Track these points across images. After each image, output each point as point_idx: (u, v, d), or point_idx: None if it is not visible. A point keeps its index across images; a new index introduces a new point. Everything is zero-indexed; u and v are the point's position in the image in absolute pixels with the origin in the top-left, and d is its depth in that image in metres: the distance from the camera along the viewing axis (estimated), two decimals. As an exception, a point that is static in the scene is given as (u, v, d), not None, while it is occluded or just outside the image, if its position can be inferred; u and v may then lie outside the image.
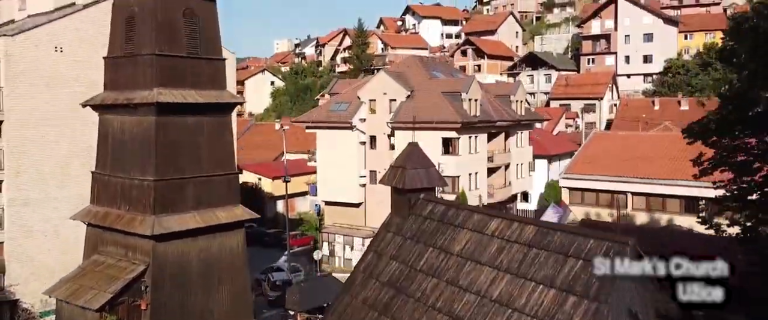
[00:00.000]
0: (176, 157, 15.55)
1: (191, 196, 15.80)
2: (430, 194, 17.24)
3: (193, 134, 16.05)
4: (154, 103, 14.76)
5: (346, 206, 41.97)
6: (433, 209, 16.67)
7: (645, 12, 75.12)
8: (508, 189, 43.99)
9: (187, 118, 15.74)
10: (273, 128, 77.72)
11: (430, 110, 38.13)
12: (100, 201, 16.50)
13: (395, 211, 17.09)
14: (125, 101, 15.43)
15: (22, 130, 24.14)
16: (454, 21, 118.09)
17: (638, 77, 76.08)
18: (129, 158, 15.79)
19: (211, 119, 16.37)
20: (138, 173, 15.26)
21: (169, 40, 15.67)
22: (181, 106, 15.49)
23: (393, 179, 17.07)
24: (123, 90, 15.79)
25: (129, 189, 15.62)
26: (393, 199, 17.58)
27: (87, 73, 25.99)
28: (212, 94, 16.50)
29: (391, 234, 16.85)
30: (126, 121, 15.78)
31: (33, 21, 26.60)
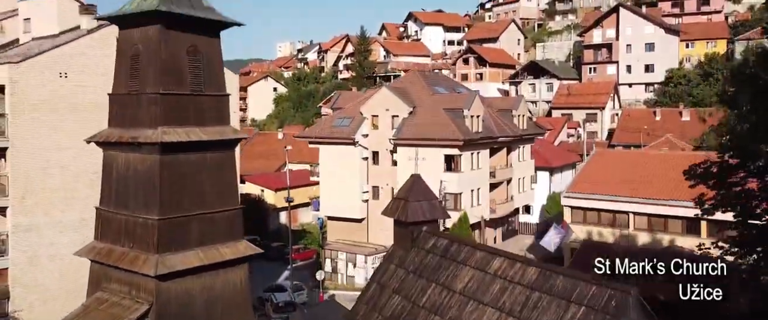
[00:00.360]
0: (180, 194, 15.64)
1: (195, 233, 15.88)
2: (433, 226, 17.40)
3: (196, 170, 16.14)
4: (158, 142, 14.83)
5: (348, 221, 42.11)
6: (435, 243, 16.80)
7: (646, 22, 75.25)
8: (510, 204, 44.10)
9: (191, 155, 15.83)
10: (276, 138, 78.04)
11: (433, 127, 38.27)
12: (104, 237, 16.60)
13: (398, 243, 17.23)
14: (130, 139, 15.53)
15: (26, 156, 24.29)
16: (456, 28, 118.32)
17: (640, 87, 76.19)
18: (133, 196, 15.89)
19: (214, 154, 16.46)
20: (142, 211, 15.36)
21: (173, 78, 15.77)
22: (186, 144, 15.58)
23: (396, 212, 17.22)
24: (127, 127, 15.89)
25: (133, 227, 15.72)
26: (396, 231, 17.72)
27: (91, 98, 26.17)
28: (216, 130, 16.58)
29: (394, 267, 16.99)
30: (130, 158, 15.88)
31: (38, 46, 26.76)
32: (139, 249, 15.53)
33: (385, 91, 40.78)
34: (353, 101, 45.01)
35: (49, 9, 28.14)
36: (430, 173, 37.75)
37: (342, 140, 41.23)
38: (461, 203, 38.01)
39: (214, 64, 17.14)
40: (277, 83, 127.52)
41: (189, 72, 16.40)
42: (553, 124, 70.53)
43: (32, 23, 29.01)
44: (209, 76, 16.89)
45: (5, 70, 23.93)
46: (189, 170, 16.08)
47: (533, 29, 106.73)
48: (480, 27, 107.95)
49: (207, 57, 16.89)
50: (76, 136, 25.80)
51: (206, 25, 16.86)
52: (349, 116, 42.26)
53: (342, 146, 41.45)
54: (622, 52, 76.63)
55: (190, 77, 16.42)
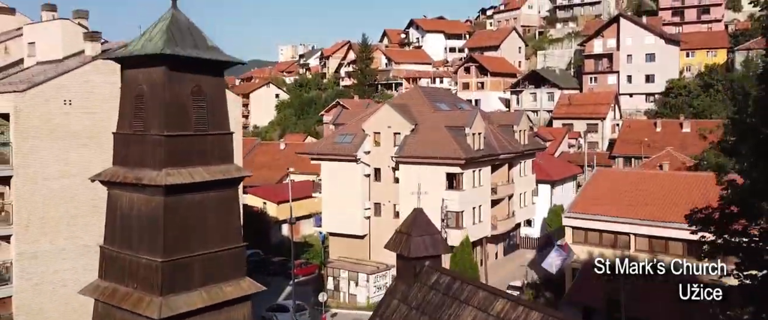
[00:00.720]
0: (184, 235, 15.77)
1: (198, 274, 16.00)
2: (436, 261, 17.56)
3: (200, 210, 16.26)
4: (162, 185, 14.98)
5: (350, 237, 42.26)
6: (438, 280, 16.94)
7: (647, 32, 75.41)
8: (511, 220, 44.24)
9: (195, 195, 15.95)
10: (278, 148, 78.26)
11: (435, 145, 38.42)
12: (107, 277, 16.71)
13: (400, 278, 17.35)
14: (134, 180, 15.66)
15: (30, 183, 24.44)
16: (457, 35, 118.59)
17: (640, 97, 76.37)
18: (137, 236, 16.02)
19: (218, 193, 16.57)
20: (146, 252, 15.49)
21: (177, 119, 15.89)
22: (190, 185, 15.73)
23: (398, 246, 17.34)
24: (132, 167, 16.02)
25: (136, 267, 15.84)
26: (398, 265, 17.85)
27: (95, 124, 26.36)
28: (220, 169, 16.69)
29: (397, 302, 17.10)
30: (134, 198, 16.01)
31: (43, 72, 26.93)
32: (143, 290, 15.65)
33: (386, 108, 40.94)
34: (355, 117, 45.19)
35: (53, 34, 28.34)
36: (432, 192, 38.01)
37: (344, 157, 41.39)
38: (463, 221, 38.15)
39: (218, 102, 17.28)
40: (279, 89, 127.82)
41: (193, 112, 16.53)
42: (554, 134, 70.72)
43: (37, 47, 29.18)
44: (213, 116, 17.03)
45: (10, 98, 24.11)
46: (193, 211, 16.20)
47: (534, 37, 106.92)
48: (481, 35, 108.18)
49: (211, 96, 17.03)
50: (80, 162, 26.05)
51: (210, 65, 17.01)
52: (351, 132, 42.43)
53: (344, 163, 41.61)
54: (622, 62, 76.82)
55: (195, 117, 16.55)
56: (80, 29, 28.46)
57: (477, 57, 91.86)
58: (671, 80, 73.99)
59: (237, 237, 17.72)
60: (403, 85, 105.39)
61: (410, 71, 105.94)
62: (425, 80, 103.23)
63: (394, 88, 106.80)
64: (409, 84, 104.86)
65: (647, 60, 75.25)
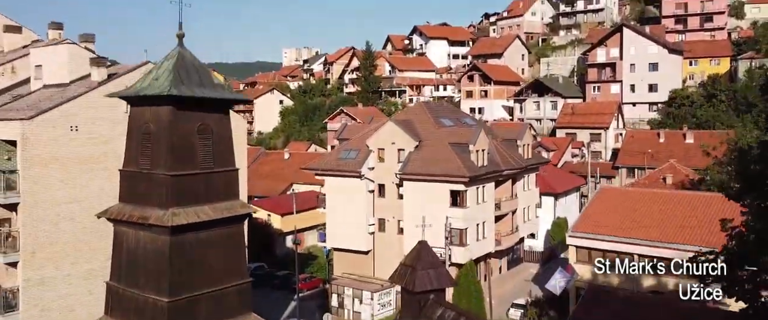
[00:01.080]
0: (190, 274, 15.94)
1: (204, 311, 16.17)
2: (440, 295, 17.69)
3: (206, 248, 16.43)
4: (169, 226, 15.15)
5: (354, 253, 42.38)
6: (443, 315, 17.15)
7: (650, 42, 75.43)
8: (515, 235, 44.29)
9: (200, 233, 16.14)
10: (282, 157, 78.41)
11: (439, 162, 38.52)
12: (113, 313, 16.89)
13: (405, 311, 17.55)
14: (140, 219, 15.84)
15: (37, 210, 24.64)
16: (460, 42, 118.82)
17: (644, 106, 76.43)
18: (143, 274, 16.19)
19: (223, 230, 16.75)
20: (152, 291, 15.67)
21: (183, 158, 16.07)
22: (196, 224, 15.91)
23: (403, 279, 17.49)
24: (138, 205, 16.20)
25: (142, 306, 16.01)
26: (403, 298, 18.04)
27: (101, 149, 26.57)
28: (225, 206, 16.86)
29: (402, 336, 17.29)
30: (140, 236, 16.18)
31: (49, 97, 27.12)
32: (150, 328, 15.85)
33: (390, 125, 41.04)
34: (360, 132, 45.30)
35: (60, 57, 28.54)
36: (436, 209, 38.16)
37: (348, 173, 41.51)
38: (467, 239, 38.20)
39: (224, 140, 17.44)
40: (283, 95, 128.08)
41: (199, 150, 16.70)
42: (558, 144, 70.80)
43: (43, 70, 29.38)
44: (219, 152, 17.19)
45: (17, 126, 24.32)
46: (199, 248, 16.37)
47: (537, 44, 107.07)
48: (484, 42, 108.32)
49: (217, 133, 17.19)
50: (86, 187, 26.26)
51: (216, 103, 17.19)
52: (356, 148, 42.54)
53: (348, 179, 41.72)
54: (625, 71, 76.89)
55: (201, 155, 16.72)
56: (87, 53, 28.66)
57: (480, 65, 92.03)
58: (674, 90, 74.05)
59: (242, 273, 17.89)
60: (406, 92, 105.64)
61: (414, 79, 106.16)
62: (429, 88, 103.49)
63: (397, 95, 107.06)
64: (413, 91, 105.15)
65: (650, 69, 75.28)
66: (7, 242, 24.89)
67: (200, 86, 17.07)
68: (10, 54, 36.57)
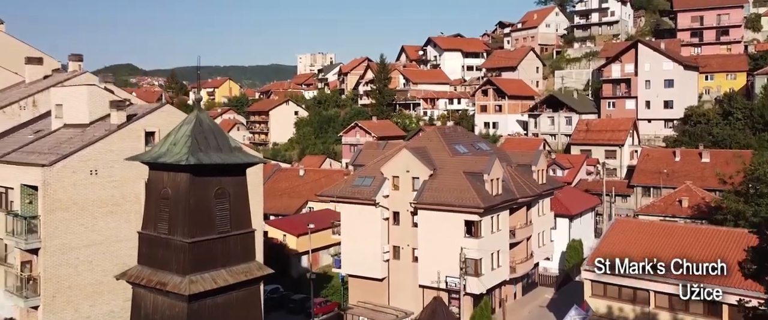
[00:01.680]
0: (208, 340, 16.18)
1: (222, 374, 16.43)
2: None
3: (223, 311, 16.67)
4: (186, 294, 15.42)
5: (369, 279, 42.55)
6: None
7: (665, 58, 74.94)
8: (530, 262, 44.24)
9: (218, 298, 16.39)
10: (297, 173, 78.77)
11: (453, 191, 38.61)
12: (134, 374, 17.20)
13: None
14: (158, 285, 16.11)
15: (58, 254, 25.08)
16: (475, 53, 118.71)
17: (659, 122, 75.93)
18: (162, 339, 16.46)
19: (240, 293, 16.99)
20: (171, 355, 15.93)
21: (201, 223, 16.32)
22: (213, 290, 16.16)
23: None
24: (156, 269, 16.49)
25: (162, 370, 16.30)
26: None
27: (120, 192, 27.00)
28: (242, 269, 17.11)
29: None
30: (158, 301, 16.46)
31: (69, 139, 27.57)
32: (170, 393, 16.11)
33: (405, 153, 41.20)
34: (375, 158, 45.54)
35: (80, 98, 29.03)
36: (450, 239, 38.29)
37: (363, 201, 41.72)
38: (481, 268, 38.22)
39: (241, 202, 17.68)
40: (298, 106, 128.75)
41: (216, 214, 16.97)
42: (572, 161, 70.47)
43: (64, 109, 29.87)
44: (236, 215, 17.43)
45: (39, 172, 24.79)
46: (216, 313, 16.61)
47: (552, 56, 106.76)
48: (499, 55, 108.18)
49: (234, 196, 17.44)
50: (105, 230, 26.68)
51: (233, 167, 17.44)
52: (370, 175, 42.74)
53: (363, 206, 41.93)
54: (641, 87, 76.44)
55: (218, 219, 16.99)
56: (107, 95, 29.14)
57: (495, 80, 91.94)
58: (690, 107, 73.52)
59: (260, 333, 18.15)
60: (420, 105, 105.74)
61: (428, 92, 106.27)
62: (443, 101, 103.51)
63: (411, 108, 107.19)
64: (427, 104, 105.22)
65: (666, 86, 74.81)
66: (28, 285, 25.38)
67: (217, 150, 17.33)
68: (32, 85, 37.26)
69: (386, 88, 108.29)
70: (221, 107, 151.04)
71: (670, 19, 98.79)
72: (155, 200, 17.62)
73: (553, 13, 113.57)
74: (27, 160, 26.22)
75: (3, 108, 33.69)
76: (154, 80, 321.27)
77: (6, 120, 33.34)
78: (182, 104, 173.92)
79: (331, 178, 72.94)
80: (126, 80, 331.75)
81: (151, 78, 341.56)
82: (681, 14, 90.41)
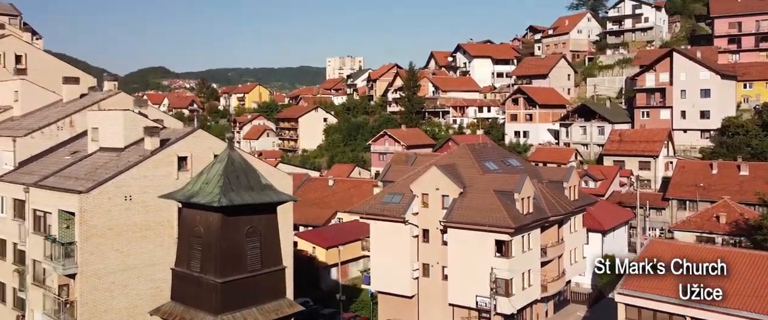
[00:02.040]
0: (239, 376, 16.29)
1: None
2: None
3: (254, 351, 16.78)
4: (218, 334, 15.53)
5: (398, 297, 42.47)
6: None
7: (702, 67, 73.28)
8: (561, 280, 43.63)
9: (250, 337, 16.46)
10: (326, 183, 79.07)
11: (483, 211, 38.30)
12: None
13: None
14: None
15: (94, 279, 25.58)
16: (505, 60, 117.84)
17: (695, 133, 74.29)
18: (193, 376, 16.63)
19: (270, 333, 17.07)
20: (204, 393, 16.07)
21: (232, 263, 16.50)
22: (244, 329, 16.25)
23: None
24: (188, 307, 16.72)
25: None
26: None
27: (153, 217, 27.41)
28: (272, 307, 17.26)
29: None
30: (191, 340, 16.64)
31: (105, 164, 28.10)
32: None
33: (435, 171, 41.02)
34: (403, 174, 45.47)
35: (116, 123, 29.58)
36: (480, 258, 38.00)
37: (392, 218, 41.66)
38: (512, 288, 37.85)
39: (271, 239, 17.81)
40: (327, 113, 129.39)
41: (247, 253, 17.13)
42: (605, 172, 69.42)
43: (100, 133, 30.48)
44: (266, 253, 17.57)
45: (75, 199, 25.31)
46: (248, 352, 16.76)
47: (584, 63, 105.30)
48: (529, 62, 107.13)
49: (264, 234, 17.57)
50: (139, 254, 27.12)
51: (264, 206, 17.57)
52: (400, 192, 42.66)
53: (392, 223, 41.88)
54: (676, 97, 74.90)
55: (249, 258, 17.15)
56: (141, 120, 29.62)
57: (525, 88, 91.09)
58: (728, 117, 71.76)
59: (290, 371, 18.23)
60: (450, 113, 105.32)
61: (457, 99, 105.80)
62: (472, 109, 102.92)
63: (441, 116, 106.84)
64: (457, 112, 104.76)
65: (702, 95, 73.15)
66: (65, 308, 25.93)
67: (248, 189, 17.48)
68: (70, 105, 38.13)
69: (415, 96, 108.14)
70: (251, 113, 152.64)
71: (707, 25, 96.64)
72: (188, 238, 17.86)
73: (585, 19, 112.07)
74: (64, 185, 26.81)
75: (42, 129, 34.55)
76: (185, 83, 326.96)
77: (45, 140, 34.18)
78: (213, 110, 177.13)
79: (360, 188, 73.08)
80: (158, 83, 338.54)
81: (183, 80, 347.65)
82: (718, 20, 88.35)
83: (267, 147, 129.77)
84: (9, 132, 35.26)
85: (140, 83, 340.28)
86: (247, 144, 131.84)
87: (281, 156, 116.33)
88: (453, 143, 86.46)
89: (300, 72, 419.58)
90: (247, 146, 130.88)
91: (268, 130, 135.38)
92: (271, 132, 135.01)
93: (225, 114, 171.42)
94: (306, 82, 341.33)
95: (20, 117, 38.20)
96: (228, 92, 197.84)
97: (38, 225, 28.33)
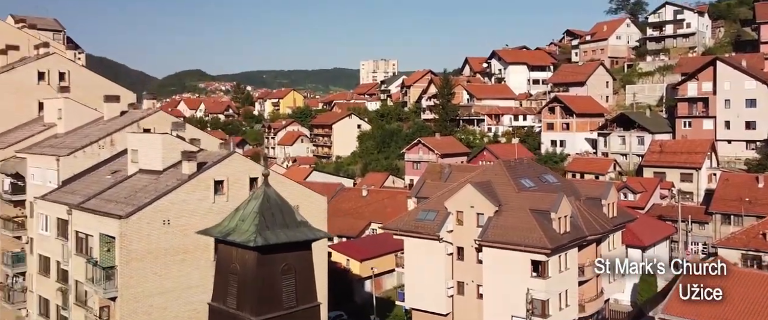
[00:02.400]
0: None
1: None
2: None
3: (288, 389, 16.77)
4: (255, 375, 15.55)
5: (433, 314, 42.21)
6: None
7: (747, 76, 71.06)
8: (600, 300, 42.76)
9: (283, 375, 16.45)
10: (360, 193, 79.20)
11: (519, 230, 37.80)
12: None
13: None
14: (227, 361, 16.35)
15: (133, 302, 26.05)
16: (541, 66, 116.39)
17: (740, 144, 72.03)
18: None
19: (303, 370, 17.04)
20: None
21: (268, 300, 16.55)
22: (279, 369, 16.25)
23: None
24: (226, 343, 16.72)
25: None
26: None
27: (191, 240, 27.72)
28: (308, 344, 17.18)
29: None
30: (228, 376, 16.71)
31: (144, 187, 28.60)
32: None
33: (470, 188, 40.65)
34: (437, 189, 45.21)
35: (154, 146, 30.10)
36: (516, 278, 37.51)
37: (426, 235, 41.44)
38: (549, 309, 37.23)
39: (306, 276, 17.81)
40: (361, 119, 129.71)
41: (283, 290, 17.17)
42: (645, 185, 67.87)
43: (139, 154, 31.05)
44: (301, 290, 17.58)
45: (116, 224, 25.79)
46: (283, 391, 16.78)
47: (622, 69, 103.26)
48: (566, 70, 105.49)
49: (299, 272, 17.59)
50: (177, 277, 27.49)
51: (300, 244, 17.59)
52: (434, 209, 42.41)
53: (427, 240, 41.66)
54: (719, 107, 72.78)
55: (284, 295, 17.18)
56: (179, 143, 30.09)
57: (562, 96, 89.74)
58: (775, 128, 69.46)
59: None
60: (485, 121, 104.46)
61: (492, 107, 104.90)
62: (508, 117, 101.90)
63: (475, 123, 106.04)
64: (492, 120, 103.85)
65: (747, 105, 70.89)
66: (106, 330, 26.44)
67: (284, 226, 17.52)
68: (110, 123, 38.96)
69: (449, 103, 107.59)
70: (285, 119, 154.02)
71: (753, 30, 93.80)
72: (224, 274, 18.00)
73: (624, 25, 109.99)
74: (105, 209, 27.36)
75: (84, 148, 35.38)
76: (221, 85, 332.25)
77: (86, 159, 35.01)
78: (248, 115, 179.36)
79: (394, 199, 72.94)
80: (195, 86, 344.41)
81: (219, 83, 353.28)
82: (765, 26, 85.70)
83: (301, 153, 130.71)
84: (52, 150, 36.19)
85: (177, 85, 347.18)
86: (281, 150, 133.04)
87: (315, 162, 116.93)
88: (488, 152, 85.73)
89: (334, 74, 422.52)
90: (282, 152, 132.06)
91: (302, 136, 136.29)
92: (305, 138, 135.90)
93: (260, 119, 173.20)
94: (340, 84, 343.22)
95: (63, 135, 39.20)
96: (263, 98, 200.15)
97: (80, 246, 28.98)
